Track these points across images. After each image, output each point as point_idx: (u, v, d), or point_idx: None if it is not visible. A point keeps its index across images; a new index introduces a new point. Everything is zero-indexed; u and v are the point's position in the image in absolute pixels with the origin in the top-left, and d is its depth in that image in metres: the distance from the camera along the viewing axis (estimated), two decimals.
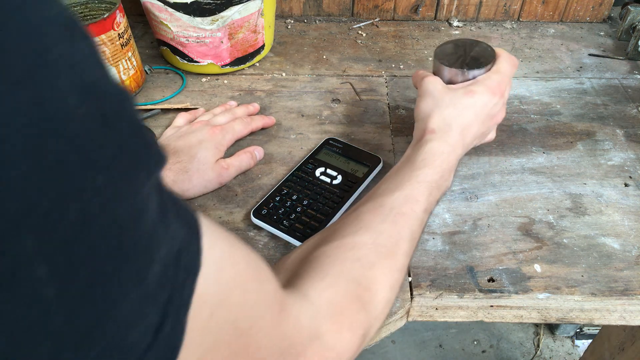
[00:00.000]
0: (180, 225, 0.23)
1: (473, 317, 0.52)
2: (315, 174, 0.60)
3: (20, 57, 0.16)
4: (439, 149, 0.50)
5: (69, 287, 0.18)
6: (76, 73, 0.18)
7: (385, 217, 0.44)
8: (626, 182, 0.62)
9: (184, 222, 0.24)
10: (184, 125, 0.64)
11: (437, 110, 0.53)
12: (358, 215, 0.45)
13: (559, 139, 0.68)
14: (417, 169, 0.48)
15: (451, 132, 0.52)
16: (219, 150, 0.61)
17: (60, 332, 0.18)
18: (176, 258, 0.23)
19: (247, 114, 0.68)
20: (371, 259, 0.40)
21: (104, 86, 0.19)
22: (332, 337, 0.34)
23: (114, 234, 0.19)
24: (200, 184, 0.58)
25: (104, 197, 0.18)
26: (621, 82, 0.78)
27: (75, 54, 0.18)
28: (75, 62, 0.18)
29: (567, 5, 0.90)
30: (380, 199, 0.46)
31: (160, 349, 0.21)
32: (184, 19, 0.69)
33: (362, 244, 0.41)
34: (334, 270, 0.38)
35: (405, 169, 0.49)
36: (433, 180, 0.48)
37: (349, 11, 0.92)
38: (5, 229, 0.16)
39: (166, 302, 0.22)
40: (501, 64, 0.56)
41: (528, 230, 0.56)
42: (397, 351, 1.46)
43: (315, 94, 0.75)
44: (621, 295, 0.50)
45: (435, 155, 0.49)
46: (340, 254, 0.40)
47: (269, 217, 0.55)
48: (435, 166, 0.49)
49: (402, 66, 0.81)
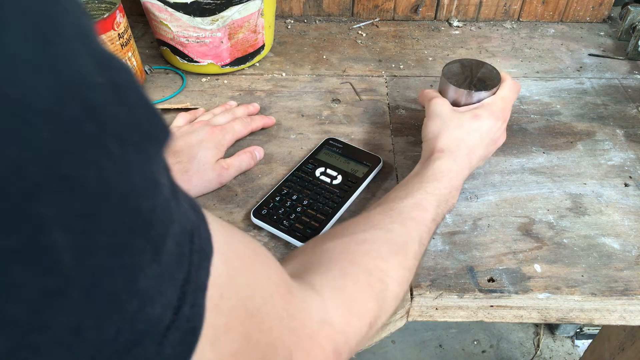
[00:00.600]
0: (188, 207, 0.24)
1: (473, 317, 0.52)
2: (315, 174, 0.60)
3: (42, 20, 0.17)
4: (447, 166, 0.52)
5: (87, 257, 0.18)
6: (91, 42, 0.19)
7: (395, 218, 0.45)
8: (626, 182, 0.62)
9: (190, 205, 0.24)
10: (184, 125, 0.64)
11: (445, 131, 0.55)
12: (368, 217, 0.46)
13: (559, 139, 0.68)
14: (426, 182, 0.50)
15: (459, 152, 0.54)
16: (219, 150, 0.61)
17: (79, 304, 0.18)
18: (190, 238, 0.23)
19: (247, 114, 0.68)
20: (382, 253, 0.41)
21: (110, 58, 0.20)
22: (341, 322, 0.35)
23: (131, 203, 0.19)
24: (201, 184, 0.58)
25: (121, 166, 0.19)
26: (621, 82, 0.78)
27: (86, 24, 0.19)
28: (88, 32, 0.19)
29: (567, 5, 0.90)
30: (390, 204, 0.47)
31: (180, 329, 0.22)
32: (184, 19, 0.69)
33: (373, 239, 0.42)
34: (344, 261, 0.39)
35: (415, 181, 0.51)
36: (441, 194, 0.50)
37: (349, 11, 0.92)
38: (24, 193, 0.16)
39: (183, 283, 0.22)
40: (505, 90, 0.58)
41: (528, 230, 0.56)
42: (397, 351, 1.46)
43: (315, 94, 0.75)
44: (621, 295, 0.50)
45: (444, 172, 0.51)
46: (351, 248, 0.41)
47: (269, 217, 0.55)
48: (444, 181, 0.51)
49: (402, 66, 0.81)
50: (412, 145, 0.66)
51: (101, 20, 0.63)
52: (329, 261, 0.39)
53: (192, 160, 0.57)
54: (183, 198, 0.24)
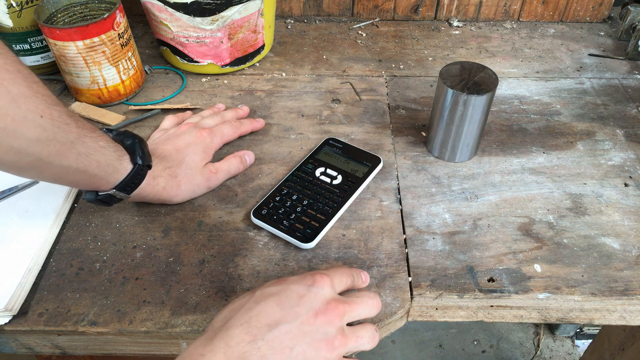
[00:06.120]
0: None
1: (473, 317, 0.52)
2: (315, 174, 0.60)
3: None
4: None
5: None
6: None
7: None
8: (626, 182, 0.62)
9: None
10: (171, 128, 0.63)
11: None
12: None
13: (559, 139, 0.68)
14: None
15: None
16: (207, 154, 0.60)
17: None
18: None
19: (236, 117, 0.68)
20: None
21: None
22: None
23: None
24: (189, 188, 0.57)
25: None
26: (621, 82, 0.78)
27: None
28: None
29: (567, 5, 0.90)
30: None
31: None
32: (184, 19, 0.69)
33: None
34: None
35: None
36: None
37: (349, 11, 0.92)
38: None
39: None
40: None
41: (528, 230, 0.56)
42: (397, 351, 1.46)
43: (315, 94, 0.75)
44: (621, 295, 0.50)
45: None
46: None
47: (269, 217, 0.55)
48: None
49: (402, 66, 0.81)
50: (412, 145, 0.66)
51: (101, 20, 0.63)
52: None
53: (181, 165, 0.57)
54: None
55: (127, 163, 0.50)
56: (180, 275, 0.51)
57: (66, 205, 0.57)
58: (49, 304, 0.49)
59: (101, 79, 0.69)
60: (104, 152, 0.48)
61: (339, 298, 0.43)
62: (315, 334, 0.40)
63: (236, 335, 0.38)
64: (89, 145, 0.46)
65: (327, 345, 0.40)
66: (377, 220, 0.57)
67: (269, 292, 0.42)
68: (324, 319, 0.41)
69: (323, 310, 0.41)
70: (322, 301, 0.42)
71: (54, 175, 0.46)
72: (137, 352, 0.50)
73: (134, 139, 0.52)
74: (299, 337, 0.39)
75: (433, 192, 0.60)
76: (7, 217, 0.56)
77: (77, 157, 0.45)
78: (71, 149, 0.45)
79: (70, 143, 0.44)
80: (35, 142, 0.42)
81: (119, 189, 0.51)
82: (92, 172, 0.47)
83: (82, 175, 0.47)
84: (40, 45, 0.74)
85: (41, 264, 0.51)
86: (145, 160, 0.52)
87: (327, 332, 0.40)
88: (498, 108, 0.73)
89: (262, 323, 0.39)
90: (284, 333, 0.39)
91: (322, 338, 0.40)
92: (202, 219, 0.57)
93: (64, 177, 0.47)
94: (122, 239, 0.54)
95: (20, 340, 0.48)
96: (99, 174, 0.48)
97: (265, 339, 0.38)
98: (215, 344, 0.38)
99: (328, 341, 0.40)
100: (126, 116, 0.70)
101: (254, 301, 0.41)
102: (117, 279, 0.51)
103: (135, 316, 0.48)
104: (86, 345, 0.49)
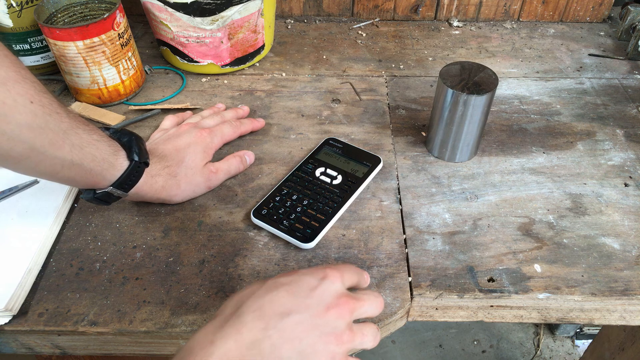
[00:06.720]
0: None
1: (473, 317, 0.52)
2: (315, 174, 0.60)
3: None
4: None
5: None
6: None
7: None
8: (626, 182, 0.62)
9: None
10: (171, 128, 0.63)
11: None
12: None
13: (559, 139, 0.68)
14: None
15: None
16: (207, 154, 0.60)
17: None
18: None
19: (236, 117, 0.68)
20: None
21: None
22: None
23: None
24: (189, 188, 0.57)
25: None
26: (621, 82, 0.78)
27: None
28: None
29: (567, 5, 0.90)
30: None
31: None
32: (184, 19, 0.69)
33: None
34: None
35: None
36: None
37: (349, 11, 0.92)
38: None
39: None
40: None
41: (528, 230, 0.56)
42: (397, 351, 1.46)
43: (315, 94, 0.75)
44: (621, 295, 0.50)
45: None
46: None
47: (269, 217, 0.55)
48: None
49: (402, 66, 0.81)
50: (412, 145, 0.66)
51: (101, 20, 0.63)
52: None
53: (180, 165, 0.56)
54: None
55: (123, 159, 0.50)
56: (180, 275, 0.51)
57: (66, 205, 0.57)
58: (49, 304, 0.49)
59: (101, 79, 0.69)
60: (98, 145, 0.48)
61: (348, 294, 0.43)
62: (325, 328, 0.40)
63: (248, 322, 0.38)
64: (82, 137, 0.46)
65: (336, 340, 0.40)
66: (377, 220, 0.57)
67: (281, 282, 0.41)
68: (335, 313, 0.40)
69: (334, 305, 0.41)
70: (333, 295, 0.41)
71: (49, 169, 0.46)
72: (137, 352, 0.50)
73: (130, 136, 0.52)
74: (310, 329, 0.39)
75: (433, 192, 0.60)
76: (7, 217, 0.56)
77: (71, 148, 0.45)
78: (64, 139, 0.45)
79: (63, 132, 0.44)
80: (27, 127, 0.42)
81: (116, 186, 0.50)
82: (87, 166, 0.47)
83: (78, 170, 0.47)
84: (40, 45, 0.74)
85: (41, 263, 0.52)
86: (142, 157, 0.51)
87: (336, 327, 0.40)
88: (498, 108, 0.73)
89: (274, 311, 0.39)
90: (295, 323, 0.39)
91: (331, 332, 0.40)
92: (202, 219, 0.57)
93: (59, 171, 0.46)
94: (122, 239, 0.54)
95: (20, 340, 0.48)
96: (94, 168, 0.48)
97: (277, 328, 0.38)
98: (226, 330, 0.37)
99: (337, 335, 0.40)
100: (126, 116, 0.70)
101: (265, 289, 0.41)
102: (117, 279, 0.51)
103: (135, 316, 0.48)
104: (86, 345, 0.49)
